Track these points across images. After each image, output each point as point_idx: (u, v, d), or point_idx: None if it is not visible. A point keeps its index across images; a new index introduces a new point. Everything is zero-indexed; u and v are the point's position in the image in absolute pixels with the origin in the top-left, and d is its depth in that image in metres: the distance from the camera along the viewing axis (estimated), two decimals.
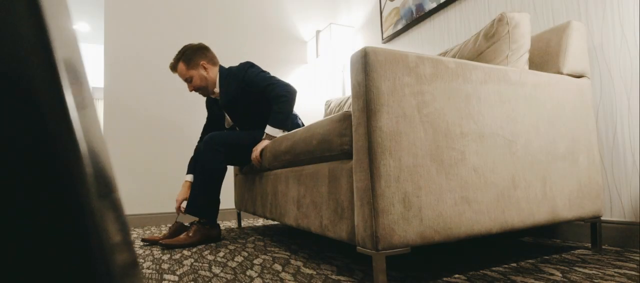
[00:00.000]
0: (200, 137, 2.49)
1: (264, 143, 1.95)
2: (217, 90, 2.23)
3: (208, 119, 2.50)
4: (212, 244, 1.96)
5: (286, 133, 1.86)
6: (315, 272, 1.29)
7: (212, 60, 2.23)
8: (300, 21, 3.65)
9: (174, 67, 2.18)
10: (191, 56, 2.15)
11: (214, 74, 2.21)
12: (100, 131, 0.29)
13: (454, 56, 1.56)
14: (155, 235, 2.36)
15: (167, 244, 1.86)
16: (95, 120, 0.29)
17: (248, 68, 2.16)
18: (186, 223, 2.84)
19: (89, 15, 5.86)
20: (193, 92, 2.19)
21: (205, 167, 2.04)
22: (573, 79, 1.44)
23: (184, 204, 2.32)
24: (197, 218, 2.13)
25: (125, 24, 2.96)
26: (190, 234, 1.94)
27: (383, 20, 3.08)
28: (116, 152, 2.86)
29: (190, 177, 2.26)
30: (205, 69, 2.17)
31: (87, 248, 0.24)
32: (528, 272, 1.20)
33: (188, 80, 2.17)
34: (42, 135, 0.24)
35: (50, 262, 0.23)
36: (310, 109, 3.62)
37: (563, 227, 1.71)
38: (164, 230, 2.62)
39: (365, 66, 1.04)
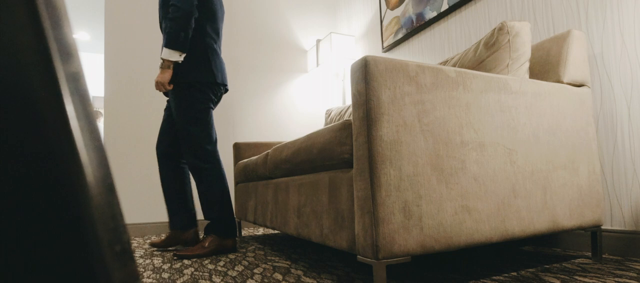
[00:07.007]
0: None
1: (167, 74, 1.84)
2: None
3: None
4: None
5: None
6: (315, 281, 1.29)
7: None
8: (301, 30, 3.67)
9: None
10: None
11: None
12: (100, 140, 0.29)
13: (454, 65, 1.56)
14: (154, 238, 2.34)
15: (181, 255, 1.85)
16: (96, 129, 0.29)
17: None
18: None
19: (89, 24, 5.90)
20: None
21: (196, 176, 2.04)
22: (573, 88, 1.45)
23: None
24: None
25: (126, 33, 2.98)
26: (206, 245, 1.91)
27: (383, 29, 3.09)
28: (117, 161, 2.86)
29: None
30: None
31: (86, 258, 0.24)
32: (528, 281, 1.19)
33: None
34: (42, 144, 0.24)
35: (48, 270, 0.23)
36: (310, 117, 3.62)
37: (563, 236, 1.71)
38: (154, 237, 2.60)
39: (365, 75, 1.05)
